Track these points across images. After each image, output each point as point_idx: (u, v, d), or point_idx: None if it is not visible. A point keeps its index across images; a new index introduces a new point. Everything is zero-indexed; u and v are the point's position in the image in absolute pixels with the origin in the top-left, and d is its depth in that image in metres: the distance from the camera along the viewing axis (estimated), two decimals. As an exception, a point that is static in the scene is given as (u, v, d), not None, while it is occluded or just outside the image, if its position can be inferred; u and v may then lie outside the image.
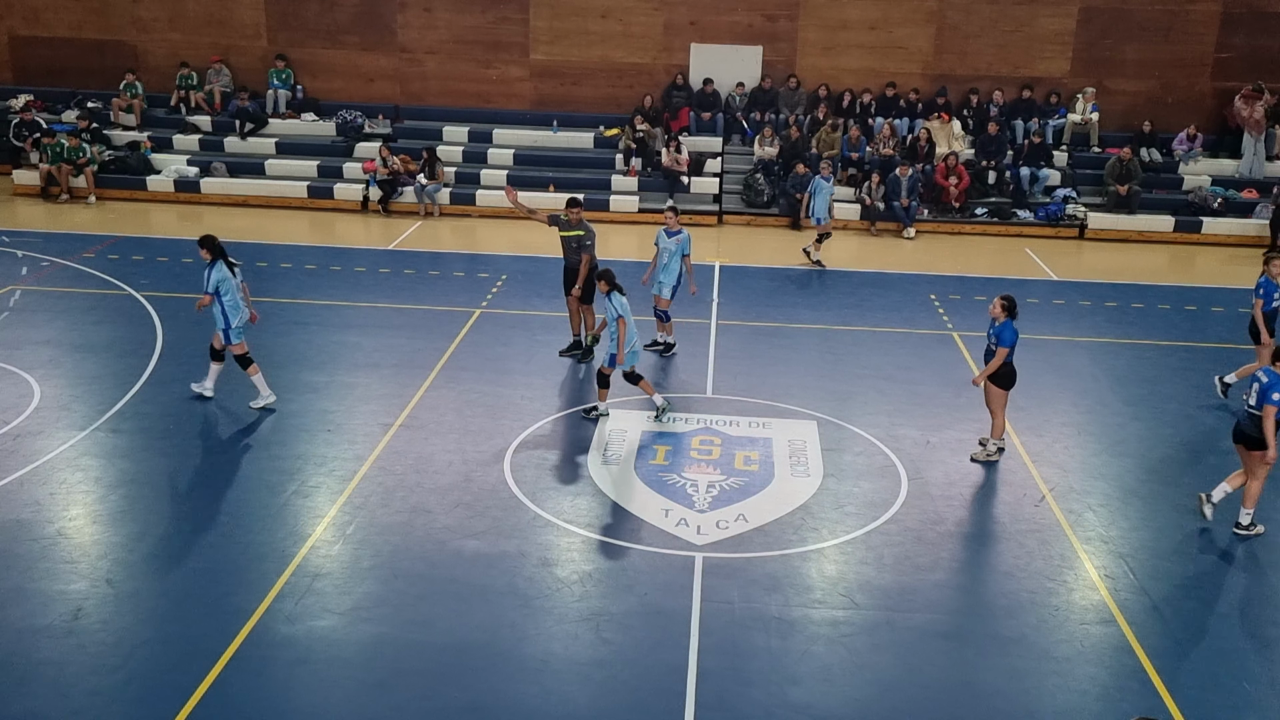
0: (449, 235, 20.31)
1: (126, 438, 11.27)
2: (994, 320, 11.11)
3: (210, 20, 23.80)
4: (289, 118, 23.45)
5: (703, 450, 11.44)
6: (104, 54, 23.92)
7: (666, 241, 14.00)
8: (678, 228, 14.09)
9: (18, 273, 16.53)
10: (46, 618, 8.23)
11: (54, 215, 20.37)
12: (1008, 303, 11.04)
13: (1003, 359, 10.93)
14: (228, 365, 12.11)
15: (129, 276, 16.50)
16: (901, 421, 12.27)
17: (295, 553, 9.22)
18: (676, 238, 13.99)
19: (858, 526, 10.02)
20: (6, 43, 24.17)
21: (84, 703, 7.38)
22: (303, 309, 15.36)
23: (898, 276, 18.38)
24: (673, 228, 14.05)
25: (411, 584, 8.89)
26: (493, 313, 15.58)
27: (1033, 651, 8.29)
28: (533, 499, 10.29)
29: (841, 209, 21.66)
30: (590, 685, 7.78)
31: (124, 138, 22.73)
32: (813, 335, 15.18)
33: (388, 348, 14.00)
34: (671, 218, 14.17)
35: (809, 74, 23.35)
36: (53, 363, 13.12)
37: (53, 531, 9.46)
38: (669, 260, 13.95)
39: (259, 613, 8.37)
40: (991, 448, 11.35)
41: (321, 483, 10.47)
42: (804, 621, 8.54)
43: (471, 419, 11.99)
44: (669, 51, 23.44)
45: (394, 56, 23.81)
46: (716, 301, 16.52)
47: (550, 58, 23.62)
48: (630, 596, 8.82)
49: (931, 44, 23.21)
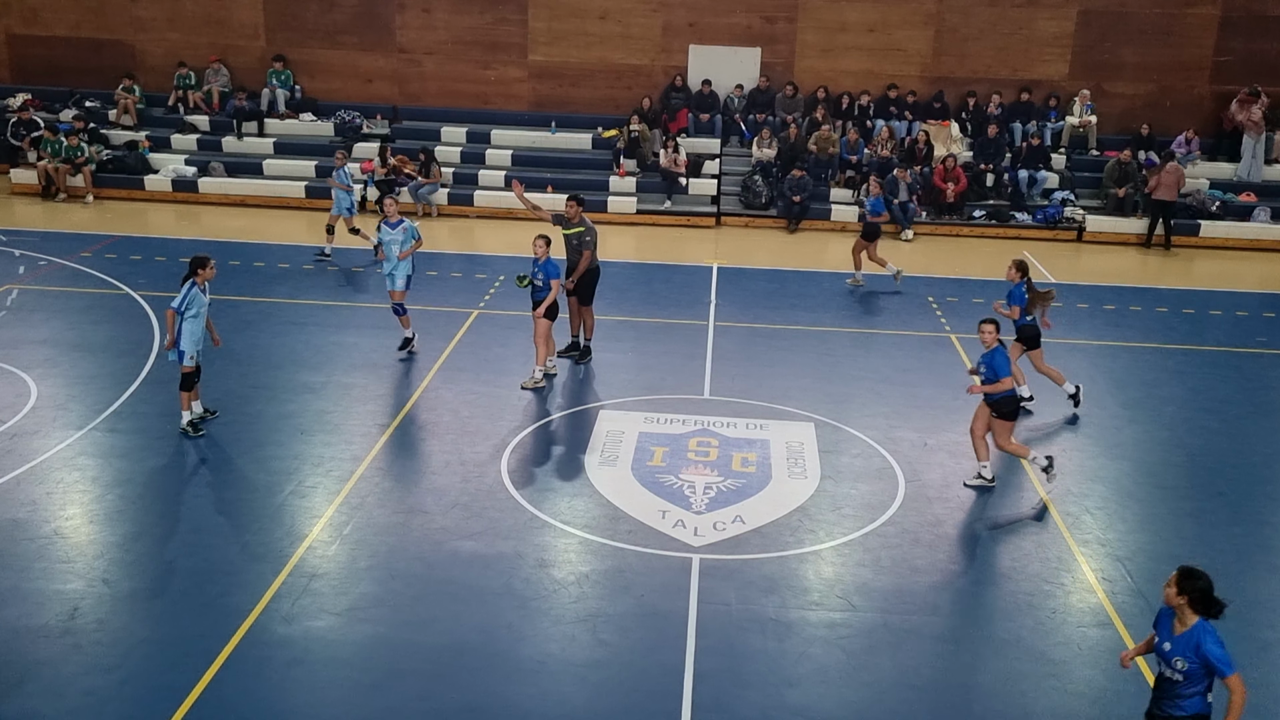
0: (447, 236, 20.31)
1: (123, 437, 11.25)
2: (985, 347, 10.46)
3: (208, 20, 23.79)
4: (287, 118, 23.44)
5: (700, 452, 11.44)
6: (102, 53, 23.90)
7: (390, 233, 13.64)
8: (398, 217, 13.71)
9: (15, 272, 16.51)
10: (42, 617, 8.22)
11: (52, 214, 20.35)
12: (997, 327, 10.47)
13: (1008, 387, 10.36)
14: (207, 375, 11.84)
15: (126, 276, 16.49)
16: (899, 424, 12.27)
17: (292, 553, 9.21)
18: (401, 226, 13.64)
19: (855, 528, 10.02)
20: (4, 41, 24.16)
21: (80, 702, 7.36)
22: (300, 309, 15.34)
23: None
24: (393, 218, 13.68)
25: (408, 584, 8.88)
26: (490, 313, 15.57)
27: (1029, 654, 8.28)
28: (530, 500, 10.28)
29: (840, 211, 21.70)
30: (587, 686, 7.77)
31: (122, 137, 22.71)
32: (810, 337, 15.18)
33: (385, 348, 13.98)
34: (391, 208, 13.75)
35: (807, 76, 23.36)
36: (50, 362, 13.10)
37: (49, 531, 9.44)
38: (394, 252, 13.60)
39: (255, 613, 8.36)
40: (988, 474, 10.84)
41: (319, 483, 10.46)
42: (801, 623, 8.54)
43: (469, 420, 11.98)
44: (667, 53, 23.45)
45: (392, 57, 23.81)
46: (714, 303, 16.52)
47: (549, 59, 23.62)
48: (627, 598, 8.81)
49: (930, 46, 23.23)
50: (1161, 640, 6.26)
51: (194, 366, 11.25)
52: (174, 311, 11.00)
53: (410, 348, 13.75)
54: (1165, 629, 6.25)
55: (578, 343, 13.96)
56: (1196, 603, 6.07)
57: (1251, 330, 16.21)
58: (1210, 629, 6.08)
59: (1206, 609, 6.08)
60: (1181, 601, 6.10)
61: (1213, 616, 6.09)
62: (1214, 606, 6.07)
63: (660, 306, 16.35)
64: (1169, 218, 20.95)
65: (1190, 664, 6.08)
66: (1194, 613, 6.08)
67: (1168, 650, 6.19)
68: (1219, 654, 6.01)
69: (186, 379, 11.28)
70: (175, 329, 11.03)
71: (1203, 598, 6.06)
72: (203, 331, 11.28)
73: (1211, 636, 6.05)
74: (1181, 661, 6.09)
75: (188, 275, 11.13)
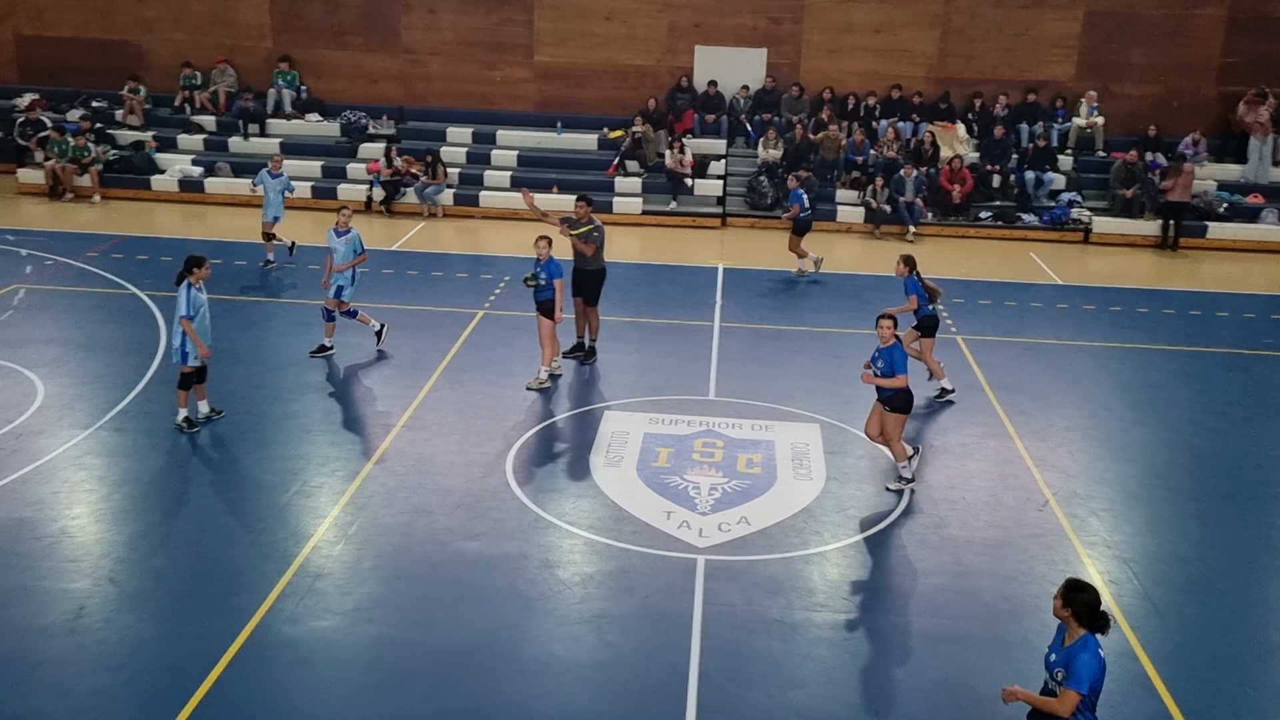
0: (452, 236, 20.31)
1: (130, 437, 11.27)
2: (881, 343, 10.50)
3: (215, 20, 23.82)
4: (293, 118, 23.46)
5: (705, 453, 11.43)
6: (108, 54, 23.94)
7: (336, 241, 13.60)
8: (348, 227, 13.70)
9: (22, 271, 16.54)
10: (49, 616, 8.23)
11: (58, 214, 20.38)
12: (895, 323, 10.56)
13: (902, 384, 10.41)
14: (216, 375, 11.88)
15: (133, 276, 16.51)
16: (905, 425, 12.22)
17: (297, 553, 9.21)
18: (346, 236, 13.63)
19: (860, 530, 10.01)
20: (12, 42, 24.21)
21: (85, 701, 7.37)
22: (306, 309, 15.34)
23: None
24: (343, 227, 13.66)
25: (413, 585, 8.88)
26: (496, 314, 15.57)
27: (1036, 656, 8.20)
28: (535, 500, 10.28)
29: (845, 212, 21.67)
30: (591, 687, 7.76)
31: (128, 137, 22.75)
32: (816, 338, 15.16)
33: (390, 348, 13.99)
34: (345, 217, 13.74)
35: (813, 77, 23.34)
36: (56, 361, 13.13)
37: (55, 530, 9.46)
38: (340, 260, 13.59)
39: (260, 612, 8.36)
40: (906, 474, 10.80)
41: (324, 483, 10.46)
42: (806, 625, 8.53)
43: (474, 420, 11.98)
44: (673, 54, 23.44)
45: (398, 58, 23.83)
46: (720, 304, 16.51)
47: (554, 59, 23.62)
48: (632, 599, 8.80)
49: (936, 47, 23.19)
50: (1049, 652, 6.21)
51: (193, 368, 11.25)
52: (188, 319, 11.02)
53: (328, 353, 13.68)
54: (1055, 641, 6.20)
55: (583, 343, 13.96)
56: (1081, 616, 5.97)
57: (1259, 332, 16.16)
58: (1093, 643, 5.98)
59: (1092, 623, 5.98)
60: (1066, 614, 6.03)
61: (1099, 630, 6.00)
62: (1099, 620, 5.98)
63: (665, 307, 16.35)
64: (1179, 219, 20.91)
65: (1058, 680, 6.02)
66: (1080, 626, 5.99)
67: (1051, 661, 6.14)
68: (1086, 668, 5.88)
69: (185, 379, 11.30)
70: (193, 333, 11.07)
71: (1087, 611, 5.96)
72: (208, 331, 11.30)
73: (1090, 651, 5.94)
74: (1060, 673, 6.01)
75: (182, 276, 11.13)
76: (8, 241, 18.10)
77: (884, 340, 10.50)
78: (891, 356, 10.43)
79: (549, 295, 12.62)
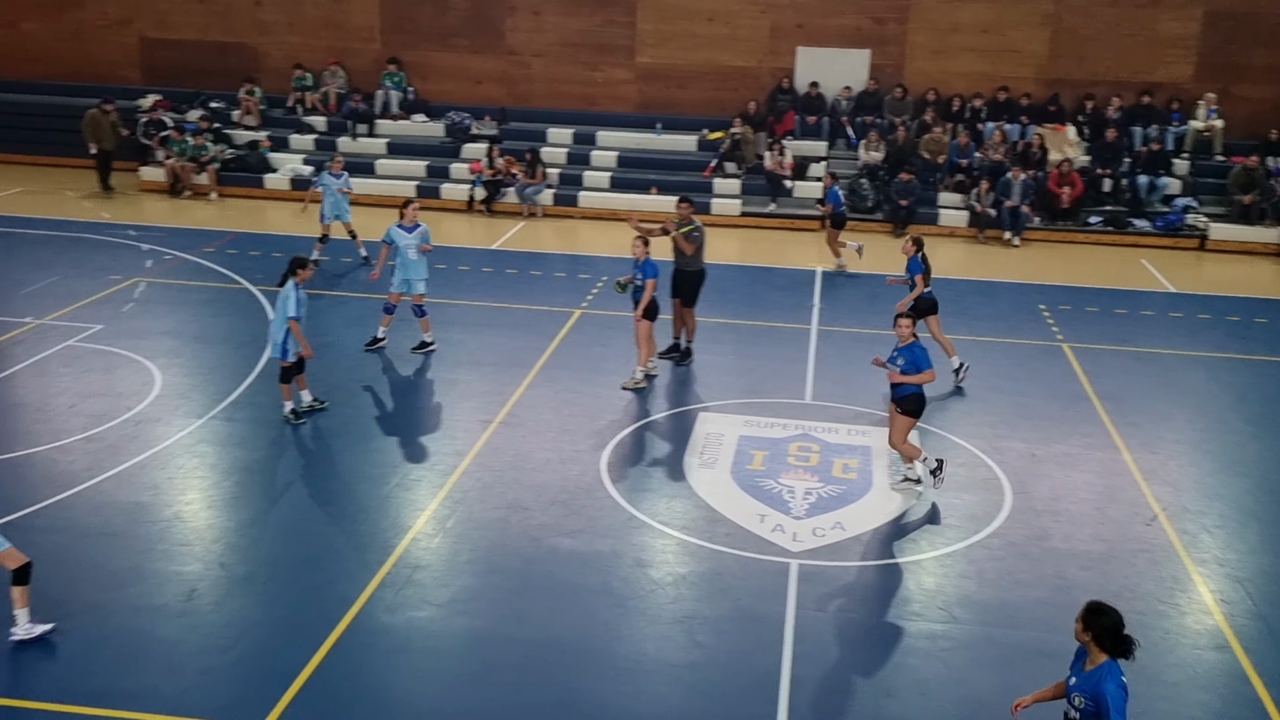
0: (551, 236, 20.53)
1: (240, 426, 11.66)
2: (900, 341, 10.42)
3: (327, 23, 24.49)
4: (399, 119, 23.99)
5: (800, 456, 11.35)
6: (226, 56, 24.80)
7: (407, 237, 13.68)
8: (415, 221, 13.78)
9: (143, 266, 17.24)
10: (163, 597, 8.57)
11: (177, 211, 21.19)
12: (913, 321, 10.48)
13: (930, 379, 10.29)
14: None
15: (246, 271, 17.08)
16: (1006, 433, 11.99)
17: (396, 544, 9.42)
18: (417, 230, 13.74)
19: (958, 539, 9.83)
20: (137, 44, 25.24)
21: (194, 681, 7.65)
22: (407, 306, 15.65)
23: (1005, 285, 17.97)
24: (410, 221, 13.72)
25: (507, 579, 9.01)
26: (593, 313, 15.69)
27: (1141, 675, 7.98)
28: (628, 499, 10.33)
29: (948, 216, 21.30)
30: (682, 688, 7.77)
31: (244, 137, 23.53)
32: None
33: (489, 346, 14.21)
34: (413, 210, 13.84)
35: (917, 78, 22.97)
36: (173, 352, 13.65)
37: (170, 515, 9.84)
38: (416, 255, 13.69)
39: (361, 601, 8.58)
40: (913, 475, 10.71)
41: (423, 476, 10.68)
42: (900, 633, 8.41)
43: (569, 418, 12.10)
44: (775, 55, 23.31)
45: (502, 59, 24.17)
46: (818, 307, 16.37)
47: (656, 60, 23.70)
48: (724, 601, 8.79)
49: (1046, 47, 22.62)
50: (1069, 676, 5.99)
51: (292, 362, 11.60)
52: (295, 320, 11.38)
53: (430, 348, 13.94)
54: (1076, 665, 5.99)
55: (678, 344, 13.98)
56: (1103, 640, 5.75)
57: (1388, 345, 15.39)
58: (1115, 670, 5.73)
59: (1115, 648, 5.75)
60: (1087, 638, 5.81)
61: (1122, 656, 5.75)
62: (1122, 645, 5.74)
63: (763, 309, 16.28)
64: None
65: (1087, 703, 5.77)
66: (1101, 651, 5.77)
67: (1070, 685, 5.92)
68: (1114, 700, 5.65)
69: (285, 373, 11.67)
70: (300, 334, 11.41)
71: (1109, 635, 5.73)
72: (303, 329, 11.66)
73: (1114, 679, 5.70)
74: (1079, 699, 5.79)
75: (286, 275, 11.50)
76: (130, 237, 18.88)
77: (903, 339, 10.42)
78: (914, 353, 10.33)
79: (641, 296, 12.65)
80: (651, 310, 12.74)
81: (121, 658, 7.86)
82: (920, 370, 10.26)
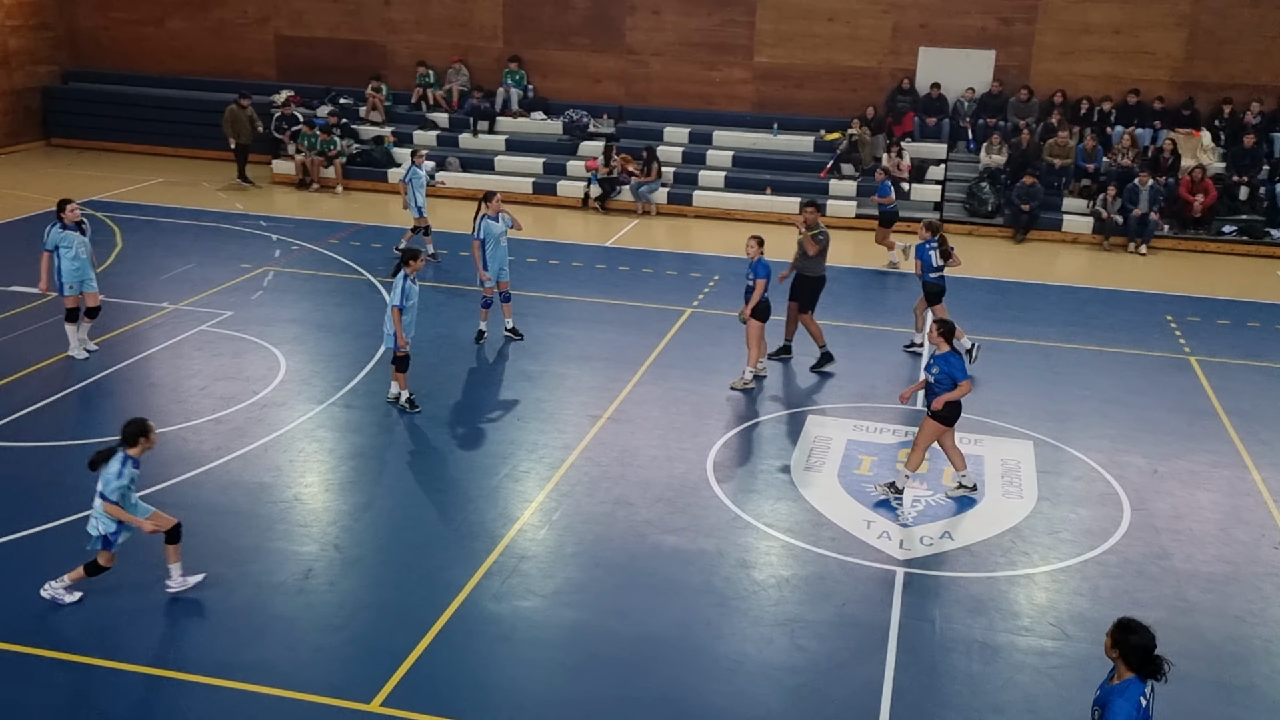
0: (664, 234, 20.62)
1: (358, 413, 12.04)
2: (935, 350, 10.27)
3: (452, 22, 25.04)
4: (519, 116, 24.39)
5: (910, 463, 11.18)
6: (356, 54, 25.57)
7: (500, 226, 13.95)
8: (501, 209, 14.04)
9: (272, 255, 17.91)
10: (281, 575, 8.92)
11: (305, 203, 21.95)
12: (945, 330, 10.15)
13: (966, 390, 10.10)
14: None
15: (369, 263, 17.60)
16: (1126, 448, 11.62)
17: (504, 534, 9.62)
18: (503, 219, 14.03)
19: (1072, 554, 9.57)
20: (273, 42, 26.21)
21: (309, 657, 7.95)
22: (522, 301, 15.93)
23: (1130, 294, 17.38)
24: (495, 212, 13.92)
25: (611, 573, 9.12)
26: (703, 313, 15.72)
27: (1263, 703, 7.69)
28: (733, 500, 10.34)
29: (1072, 222, 20.69)
30: (782, 691, 7.76)
31: (370, 132, 24.23)
32: (1033, 351, 14.56)
33: (599, 341, 14.36)
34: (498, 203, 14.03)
35: (1044, 79, 22.35)
36: (297, 340, 14.16)
37: (290, 496, 10.23)
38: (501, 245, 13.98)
39: (468, 588, 8.78)
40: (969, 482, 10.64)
41: (531, 469, 10.87)
42: (1009, 648, 8.23)
43: (677, 416, 12.15)
44: (896, 55, 22.96)
45: (621, 58, 24.36)
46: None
47: (774, 60, 23.58)
48: (827, 605, 8.74)
49: (1182, 49, 21.77)
50: (1098, 689, 5.80)
51: (404, 351, 11.91)
52: (398, 309, 11.69)
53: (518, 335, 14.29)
54: (1105, 679, 5.79)
55: (789, 346, 13.92)
56: (1129, 658, 5.56)
57: None
58: (1135, 689, 5.51)
59: (1142, 667, 5.53)
60: (1115, 655, 5.64)
61: (1151, 676, 5.53)
62: (1150, 665, 5.52)
63: (875, 313, 16.07)
64: None
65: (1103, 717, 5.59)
66: (1128, 668, 5.57)
67: (1095, 698, 5.74)
68: (1118, 715, 5.45)
69: (401, 361, 11.98)
70: (400, 322, 11.72)
71: (1136, 654, 5.54)
72: (414, 319, 11.93)
73: (1128, 698, 5.48)
74: (1097, 711, 5.62)
75: (398, 267, 11.82)
76: (261, 227, 19.63)
77: (939, 348, 10.20)
78: (949, 364, 10.08)
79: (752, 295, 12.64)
80: (762, 311, 12.71)
81: (244, 633, 8.21)
82: (957, 382, 10.06)
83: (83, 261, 12.96)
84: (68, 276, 12.89)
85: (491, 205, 14.00)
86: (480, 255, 13.93)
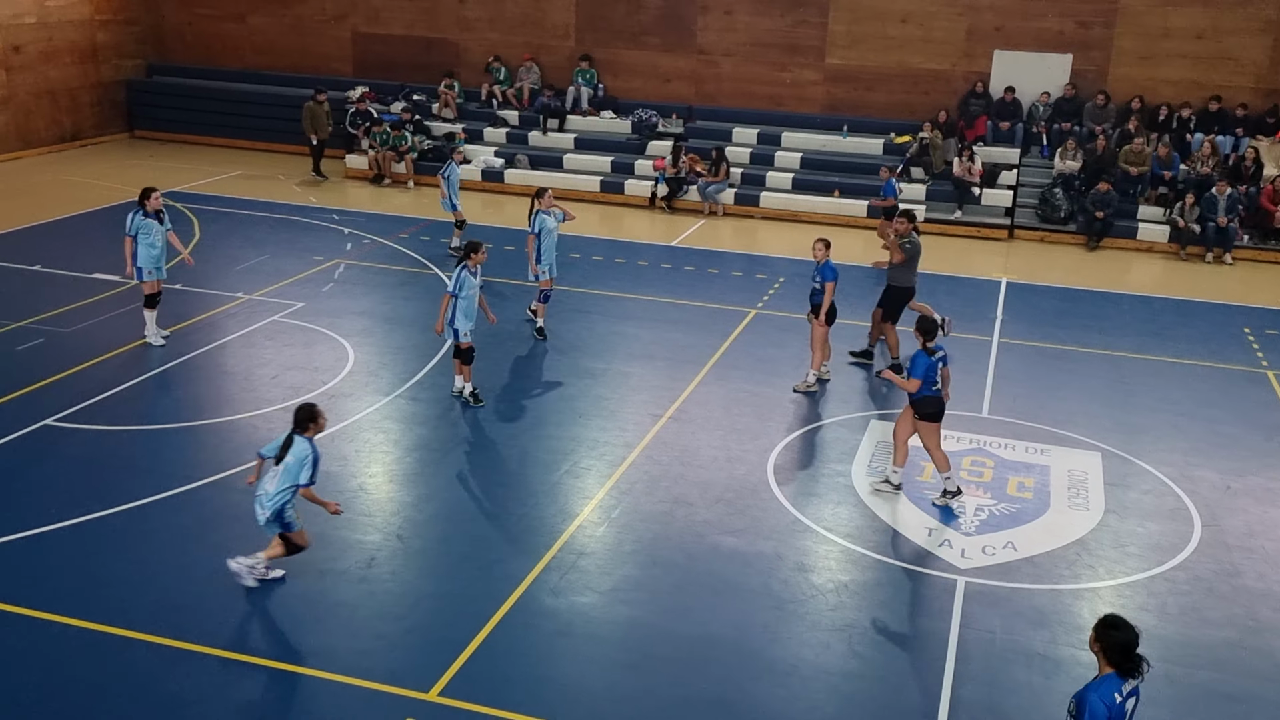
0: (730, 235, 20.59)
1: (423, 406, 12.21)
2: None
3: (526, 21, 25.24)
4: (589, 115, 24.51)
5: (974, 471, 11.05)
6: (430, 51, 25.91)
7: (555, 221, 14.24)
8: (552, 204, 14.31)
9: (343, 249, 18.23)
10: (345, 563, 9.08)
11: (377, 198, 22.29)
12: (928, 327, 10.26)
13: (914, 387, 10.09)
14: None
15: (437, 258, 17.83)
16: (1199, 462, 11.35)
17: (563, 530, 9.69)
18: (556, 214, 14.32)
19: (1139, 569, 9.38)
20: (349, 39, 26.66)
21: (370, 645, 8.09)
22: (586, 298, 16.04)
23: (1207, 306, 16.97)
24: (547, 207, 14.18)
25: (668, 572, 9.14)
26: (768, 314, 15.67)
27: (1335, 731, 7.47)
28: (793, 503, 10.30)
29: (1147, 230, 20.25)
30: (838, 697, 7.72)
31: (441, 129, 24.53)
32: (1103, 361, 14.28)
33: (663, 340, 14.39)
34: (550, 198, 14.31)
35: (1122, 85, 21.90)
36: (366, 332, 14.40)
37: (355, 485, 10.41)
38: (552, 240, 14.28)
39: (526, 582, 8.87)
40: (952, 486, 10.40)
41: (592, 465, 10.93)
42: (1071, 662, 8.10)
43: (738, 417, 12.14)
44: (970, 58, 22.65)
45: (691, 58, 24.36)
46: (1000, 319, 15.86)
47: (845, 62, 23.41)
48: (886, 612, 8.67)
49: (1268, 55, 21.18)
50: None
51: (468, 344, 12.04)
52: (450, 295, 11.84)
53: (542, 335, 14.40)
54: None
55: (870, 351, 13.89)
56: (1110, 653, 5.56)
57: None
58: (1109, 686, 5.50)
59: (1121, 663, 5.52)
60: (1096, 649, 5.65)
61: (1127, 674, 5.51)
62: (1129, 663, 5.51)
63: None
64: None
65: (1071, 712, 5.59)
66: (1108, 664, 5.57)
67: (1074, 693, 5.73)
68: (1092, 709, 5.44)
69: (465, 354, 12.10)
70: (450, 310, 11.85)
71: (1116, 650, 5.54)
72: (475, 310, 12.05)
73: (1101, 692, 5.48)
74: (1073, 704, 5.61)
75: (460, 259, 11.96)
76: (333, 221, 19.99)
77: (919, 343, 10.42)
78: (914, 360, 10.20)
79: (821, 298, 12.60)
80: (830, 314, 12.66)
81: (308, 618, 8.38)
82: (910, 377, 10.18)
83: (160, 250, 13.32)
84: (145, 263, 13.26)
85: (544, 200, 14.24)
86: (535, 249, 14.10)
